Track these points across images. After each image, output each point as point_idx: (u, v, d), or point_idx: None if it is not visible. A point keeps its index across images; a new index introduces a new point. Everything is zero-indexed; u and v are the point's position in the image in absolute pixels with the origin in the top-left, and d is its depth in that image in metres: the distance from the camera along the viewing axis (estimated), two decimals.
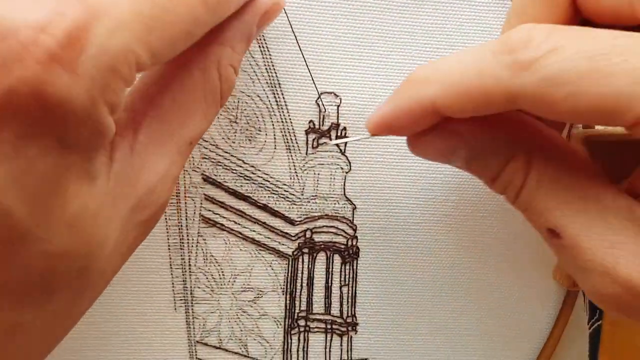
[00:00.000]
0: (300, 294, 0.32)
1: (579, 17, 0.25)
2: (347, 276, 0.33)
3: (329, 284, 0.33)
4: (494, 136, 0.24)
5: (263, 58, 0.29)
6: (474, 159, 0.25)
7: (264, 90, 0.30)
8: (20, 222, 0.19)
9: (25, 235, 0.19)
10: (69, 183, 0.20)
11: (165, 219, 0.31)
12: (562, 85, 0.20)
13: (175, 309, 0.32)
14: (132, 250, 0.24)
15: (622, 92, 0.20)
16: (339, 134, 0.31)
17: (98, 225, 0.21)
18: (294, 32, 0.29)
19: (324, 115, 0.30)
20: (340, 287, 0.33)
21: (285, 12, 0.29)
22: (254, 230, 0.31)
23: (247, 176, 0.31)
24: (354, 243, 0.32)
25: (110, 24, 0.19)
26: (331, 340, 0.33)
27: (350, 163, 0.31)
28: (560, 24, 0.22)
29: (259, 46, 0.29)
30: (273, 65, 0.30)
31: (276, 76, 0.30)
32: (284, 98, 0.30)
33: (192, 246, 0.31)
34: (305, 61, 0.29)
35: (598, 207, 0.22)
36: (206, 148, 0.30)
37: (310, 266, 0.32)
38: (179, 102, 0.24)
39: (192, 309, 0.32)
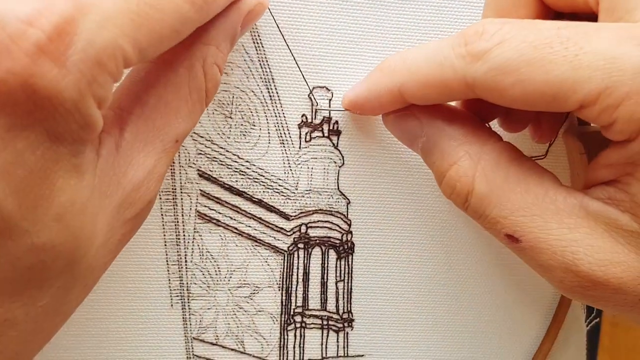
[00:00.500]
0: (296, 290, 0.33)
1: (554, 11, 0.26)
2: (342, 271, 0.33)
3: (325, 280, 0.33)
4: (449, 133, 0.25)
5: (257, 54, 0.30)
6: (429, 150, 0.26)
7: (258, 85, 0.30)
8: (8, 214, 0.19)
9: (13, 229, 0.19)
10: (57, 176, 0.20)
11: (162, 215, 0.31)
12: (509, 73, 0.22)
13: (172, 305, 0.32)
14: (120, 247, 0.24)
15: (564, 78, 0.21)
16: (331, 128, 0.31)
17: (85, 220, 0.21)
18: (280, 30, 0.30)
19: (316, 109, 0.31)
20: (336, 283, 0.33)
21: (270, 12, 0.29)
22: (249, 226, 0.32)
23: (242, 171, 0.31)
24: (349, 238, 0.32)
25: (98, 19, 0.19)
26: (327, 336, 0.33)
27: (343, 157, 0.32)
28: (532, 18, 0.24)
29: (254, 42, 0.30)
30: (267, 61, 0.30)
31: (270, 71, 0.30)
32: (277, 93, 0.30)
33: (189, 242, 0.31)
34: (293, 56, 0.30)
35: (552, 209, 0.23)
36: (202, 144, 0.30)
37: (305, 261, 0.32)
38: (164, 100, 0.24)
39: (189, 305, 0.32)
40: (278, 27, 0.29)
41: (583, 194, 0.24)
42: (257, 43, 0.30)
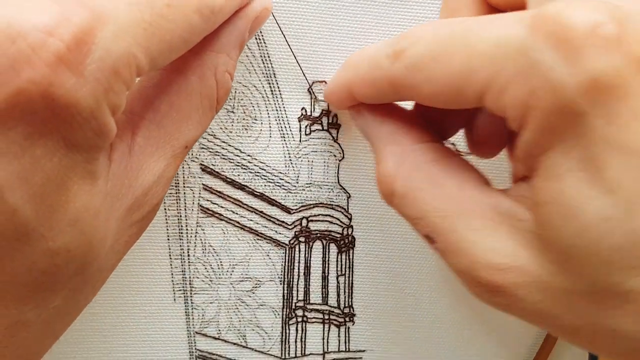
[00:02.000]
0: (298, 284, 0.33)
1: (498, 10, 0.26)
2: (343, 266, 0.33)
3: (326, 274, 0.33)
4: (380, 133, 0.26)
5: (259, 49, 0.30)
6: (373, 149, 0.26)
7: (259, 80, 0.31)
8: (26, 220, 0.19)
9: (30, 234, 0.20)
10: (73, 183, 0.20)
11: (165, 209, 0.31)
12: (420, 70, 0.22)
13: (175, 299, 0.32)
14: (127, 248, 0.25)
15: (461, 69, 0.21)
16: (330, 121, 0.32)
17: (98, 224, 0.21)
18: (279, 26, 0.30)
19: (315, 103, 0.31)
20: (337, 277, 0.33)
21: (274, 16, 0.30)
22: (251, 220, 0.32)
23: (244, 165, 0.32)
24: (350, 232, 0.33)
25: (114, 28, 0.20)
26: (329, 330, 0.33)
27: (343, 151, 0.32)
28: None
29: (256, 38, 0.30)
30: (269, 56, 0.31)
31: (271, 66, 0.31)
32: (278, 87, 0.31)
33: (191, 236, 0.32)
34: (292, 51, 0.30)
35: (463, 210, 0.23)
36: (204, 138, 0.31)
37: (307, 255, 0.33)
38: (176, 106, 0.25)
39: (191, 300, 0.32)
40: (277, 23, 0.30)
41: (502, 193, 0.23)
42: (259, 39, 0.30)
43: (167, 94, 0.25)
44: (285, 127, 0.31)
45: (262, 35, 0.30)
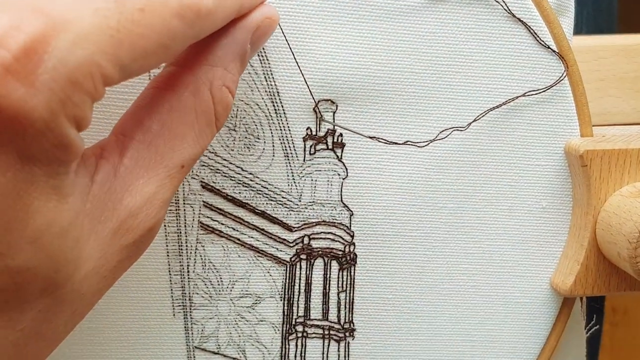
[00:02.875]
0: (298, 300, 0.33)
1: None
2: (344, 282, 0.33)
3: (327, 290, 0.33)
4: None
5: (262, 67, 0.30)
6: None
7: (262, 98, 0.30)
8: None
9: None
10: (32, 199, 0.19)
11: (165, 225, 0.31)
12: None
13: (174, 314, 0.32)
14: (118, 273, 0.24)
15: None
16: (335, 140, 0.31)
17: (65, 243, 0.21)
18: (287, 42, 0.29)
19: (320, 122, 0.31)
20: (338, 293, 0.33)
21: (281, 27, 0.29)
22: (252, 237, 0.32)
23: (246, 183, 0.31)
24: (352, 249, 0.32)
25: (71, 37, 0.19)
26: (329, 346, 0.33)
27: (347, 169, 0.32)
28: None
29: (258, 55, 0.29)
30: (272, 74, 0.30)
31: (275, 84, 0.30)
32: (282, 106, 0.30)
33: (191, 252, 0.31)
34: (299, 68, 0.30)
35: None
36: (205, 156, 0.30)
37: (308, 272, 0.32)
38: (168, 125, 0.24)
39: (191, 315, 0.32)
40: (285, 38, 0.29)
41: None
42: (262, 56, 0.29)
43: (159, 113, 0.24)
44: (289, 146, 0.31)
45: (265, 52, 0.29)
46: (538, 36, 0.31)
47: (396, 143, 0.31)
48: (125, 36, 0.20)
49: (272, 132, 0.31)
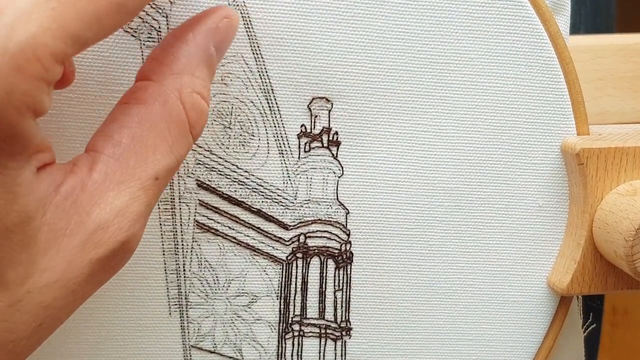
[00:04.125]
0: (295, 299, 0.33)
1: None
2: (340, 281, 0.33)
3: (323, 289, 0.33)
4: None
5: (257, 64, 0.30)
6: None
7: (257, 96, 0.30)
8: None
9: None
10: None
11: (160, 224, 0.31)
12: None
13: (170, 313, 0.32)
14: (90, 287, 0.23)
15: None
16: (330, 138, 0.31)
17: (13, 246, 0.20)
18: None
19: (315, 119, 0.31)
20: (334, 292, 0.33)
21: (249, 27, 0.29)
22: (248, 235, 0.32)
23: (241, 181, 0.31)
24: (348, 248, 0.32)
25: (8, 21, 0.18)
26: (325, 345, 0.33)
27: (342, 167, 0.31)
28: None
29: (253, 53, 0.29)
30: (266, 72, 0.30)
31: (269, 82, 0.30)
32: (276, 103, 0.30)
33: (187, 251, 0.31)
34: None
35: None
36: (200, 154, 0.30)
37: (304, 271, 0.32)
38: (139, 138, 0.23)
39: (187, 314, 0.32)
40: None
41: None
42: (257, 54, 0.29)
43: (129, 127, 0.23)
44: (283, 144, 0.31)
45: (260, 50, 0.29)
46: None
47: None
48: (69, 5, 0.19)
49: (266, 130, 0.31)
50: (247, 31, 0.29)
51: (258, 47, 0.29)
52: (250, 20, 0.29)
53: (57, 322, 0.23)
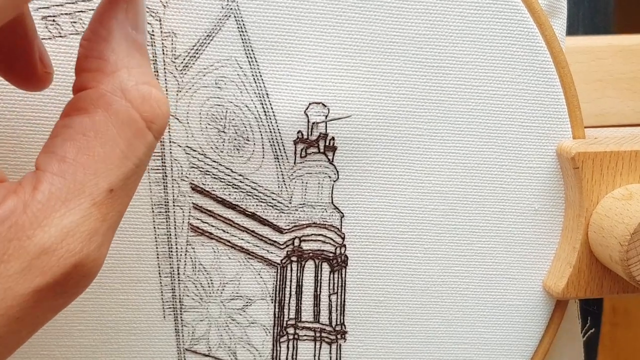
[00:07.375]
0: (289, 302, 0.33)
1: None
2: (335, 284, 0.33)
3: (318, 292, 0.33)
4: None
5: (251, 69, 0.30)
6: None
7: (252, 100, 0.30)
8: None
9: None
10: None
11: (154, 227, 0.31)
12: None
13: (164, 317, 0.32)
14: (39, 314, 0.22)
15: None
16: (327, 144, 0.31)
17: None
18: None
19: (312, 126, 0.31)
20: (329, 296, 0.33)
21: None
22: (242, 239, 0.32)
23: (236, 185, 0.31)
24: (343, 251, 0.32)
25: None
26: (320, 348, 0.33)
27: (338, 172, 0.31)
28: None
29: (247, 57, 0.29)
30: (261, 76, 0.30)
31: (264, 86, 0.30)
32: (272, 108, 0.30)
33: (181, 255, 0.31)
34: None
35: None
36: (195, 157, 0.30)
37: (298, 274, 0.32)
38: (85, 150, 0.21)
39: (181, 317, 0.32)
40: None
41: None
42: (251, 58, 0.29)
43: (73, 140, 0.22)
44: (279, 149, 0.31)
45: (254, 54, 0.29)
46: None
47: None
48: None
49: (261, 134, 0.31)
50: (240, 35, 0.29)
51: (252, 50, 0.29)
52: (244, 24, 0.29)
53: (6, 350, 0.21)
